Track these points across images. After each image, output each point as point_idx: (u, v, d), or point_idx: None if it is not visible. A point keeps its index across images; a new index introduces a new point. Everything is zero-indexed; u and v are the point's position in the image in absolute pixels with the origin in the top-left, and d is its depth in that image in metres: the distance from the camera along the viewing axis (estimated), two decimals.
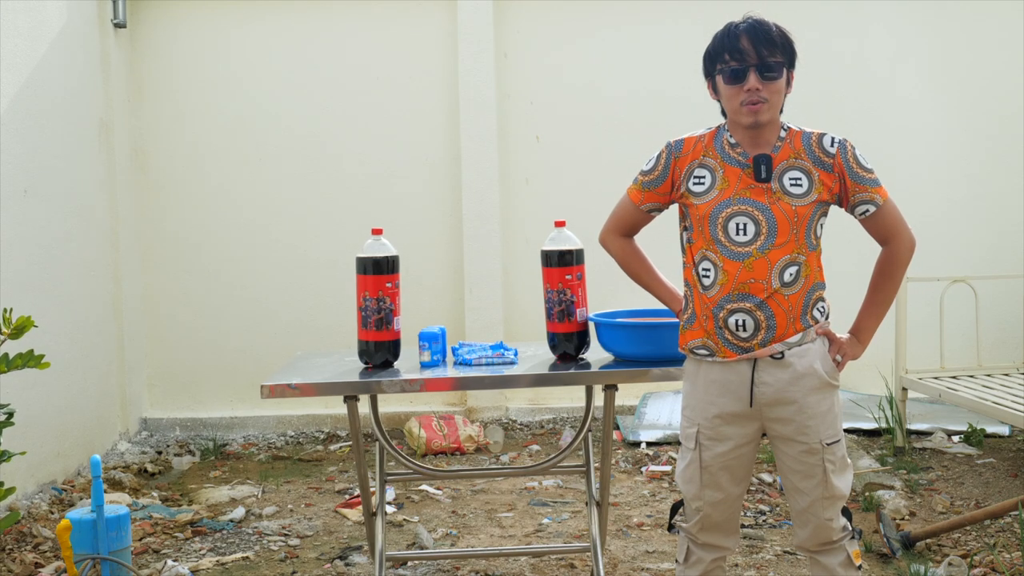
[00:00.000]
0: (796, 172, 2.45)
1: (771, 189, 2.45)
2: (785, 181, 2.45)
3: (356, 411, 3.09)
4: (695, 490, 2.58)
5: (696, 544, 2.64)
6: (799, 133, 2.50)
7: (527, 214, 6.10)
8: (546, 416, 6.14)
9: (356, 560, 3.90)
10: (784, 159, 2.47)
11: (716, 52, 2.48)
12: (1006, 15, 6.11)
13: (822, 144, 2.47)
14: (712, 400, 2.52)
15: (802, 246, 2.45)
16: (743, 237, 2.45)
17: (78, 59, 5.43)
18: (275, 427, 6.08)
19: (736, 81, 2.43)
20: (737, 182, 2.48)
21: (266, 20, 6.11)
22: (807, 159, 2.47)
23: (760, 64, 2.41)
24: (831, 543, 2.56)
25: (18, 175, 4.67)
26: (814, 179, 2.45)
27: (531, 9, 6.15)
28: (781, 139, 2.49)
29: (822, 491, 2.50)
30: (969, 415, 5.40)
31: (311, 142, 6.13)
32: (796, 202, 2.44)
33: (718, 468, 2.54)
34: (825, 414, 2.49)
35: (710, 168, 2.52)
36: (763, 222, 2.44)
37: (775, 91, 2.44)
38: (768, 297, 2.44)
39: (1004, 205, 6.13)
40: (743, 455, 2.55)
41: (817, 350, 2.50)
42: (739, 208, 2.46)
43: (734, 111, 2.47)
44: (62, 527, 3.23)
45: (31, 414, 4.49)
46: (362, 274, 3.07)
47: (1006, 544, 3.77)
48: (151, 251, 6.12)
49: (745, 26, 2.44)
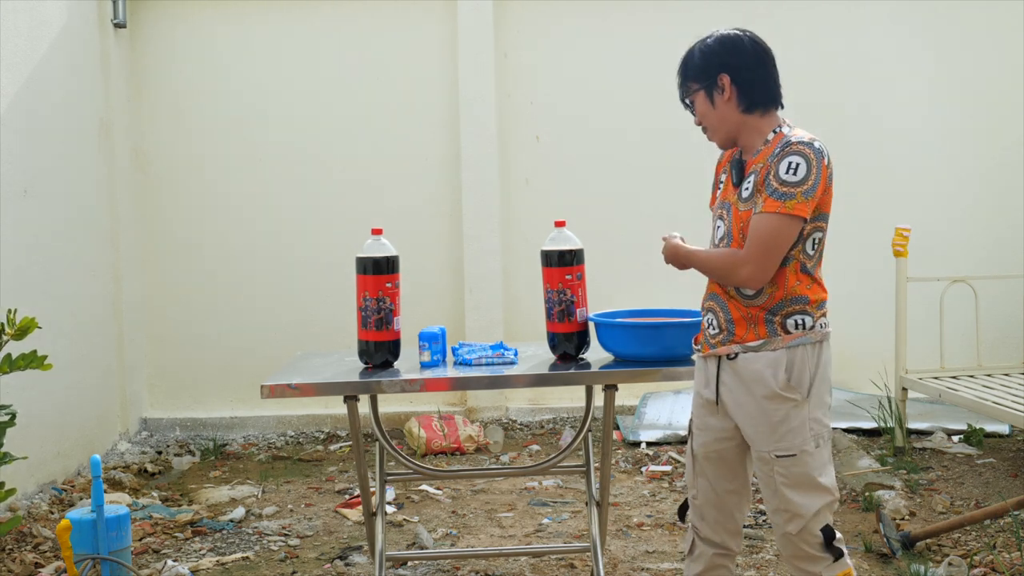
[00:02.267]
0: (753, 177, 2.45)
1: (738, 193, 2.50)
2: (743, 186, 2.48)
3: (356, 411, 3.09)
4: (689, 478, 2.65)
5: (699, 537, 2.64)
6: (780, 138, 2.44)
7: (527, 214, 6.10)
8: (546, 416, 6.14)
9: (356, 560, 3.90)
10: (754, 163, 2.47)
11: None
12: (1006, 16, 6.10)
13: (779, 145, 2.41)
14: (698, 390, 2.60)
15: None
16: (716, 239, 2.56)
17: (78, 59, 5.43)
18: (275, 427, 6.08)
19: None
20: (728, 186, 2.57)
21: (267, 20, 6.11)
22: (766, 163, 2.41)
23: (682, 99, 2.61)
24: (807, 561, 2.44)
25: (18, 175, 4.67)
26: (757, 182, 2.43)
27: (531, 9, 6.15)
28: (766, 142, 2.47)
29: (777, 503, 2.44)
30: (969, 415, 5.40)
31: (311, 142, 6.12)
32: (742, 206, 2.45)
33: (703, 458, 2.59)
34: (777, 425, 2.40)
35: (728, 172, 2.60)
36: (725, 226, 2.51)
37: (705, 116, 2.54)
38: (729, 298, 2.48)
39: (1004, 205, 6.12)
40: (726, 449, 2.55)
41: (773, 358, 2.39)
42: (719, 211, 2.57)
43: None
44: (62, 527, 3.23)
45: (31, 414, 4.49)
46: (362, 274, 3.07)
47: (1006, 544, 3.77)
48: (151, 251, 6.12)
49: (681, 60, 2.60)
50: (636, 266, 5.79)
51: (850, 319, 5.88)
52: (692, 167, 6.12)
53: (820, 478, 2.42)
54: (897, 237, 5.13)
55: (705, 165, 6.07)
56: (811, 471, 2.42)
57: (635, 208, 6.05)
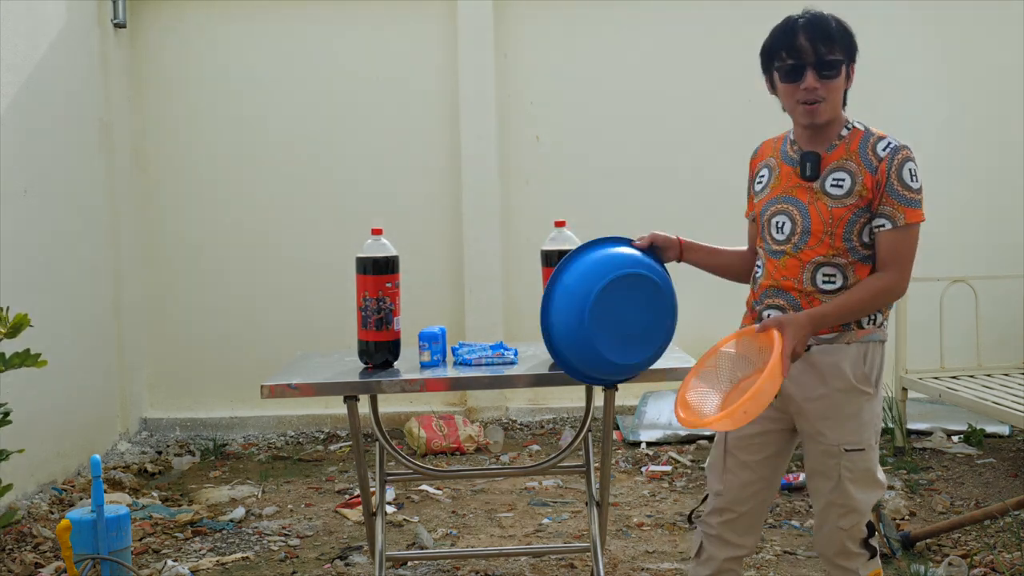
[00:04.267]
0: (842, 173, 2.37)
1: (814, 188, 2.39)
2: (828, 181, 2.38)
3: (356, 411, 3.09)
4: (717, 474, 2.54)
5: (710, 537, 2.56)
6: (861, 133, 2.41)
7: (527, 214, 6.10)
8: (546, 416, 6.14)
9: (356, 560, 3.90)
10: (836, 158, 2.39)
11: (773, 49, 2.40)
12: (1007, 15, 6.11)
13: (876, 147, 2.37)
14: None
15: (840, 250, 2.37)
16: (781, 235, 2.43)
17: (78, 59, 5.43)
18: (275, 427, 6.08)
19: (793, 80, 2.36)
20: (787, 180, 2.45)
21: (266, 20, 6.11)
22: (858, 160, 2.37)
23: (818, 62, 2.34)
24: (846, 557, 2.44)
25: (18, 175, 4.67)
26: (857, 181, 2.36)
27: (531, 9, 6.15)
28: (841, 137, 2.41)
29: (836, 497, 2.40)
30: (969, 415, 5.40)
31: (311, 142, 6.13)
32: (833, 203, 2.36)
33: (740, 451, 2.50)
34: (848, 419, 2.38)
35: (770, 167, 2.51)
36: (799, 221, 2.40)
37: (833, 89, 2.36)
38: (802, 298, 2.39)
39: (1004, 205, 6.13)
40: (769, 442, 2.49)
41: (851, 352, 2.39)
42: (782, 206, 2.44)
43: (791, 109, 2.42)
44: (62, 527, 3.23)
45: (31, 414, 4.49)
46: (362, 274, 3.07)
47: (1006, 544, 3.77)
48: (151, 251, 6.12)
49: (803, 21, 2.35)
50: None
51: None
52: (692, 167, 6.15)
53: (878, 473, 2.45)
54: None
55: (704, 166, 6.12)
56: (872, 466, 2.43)
57: (635, 208, 6.04)
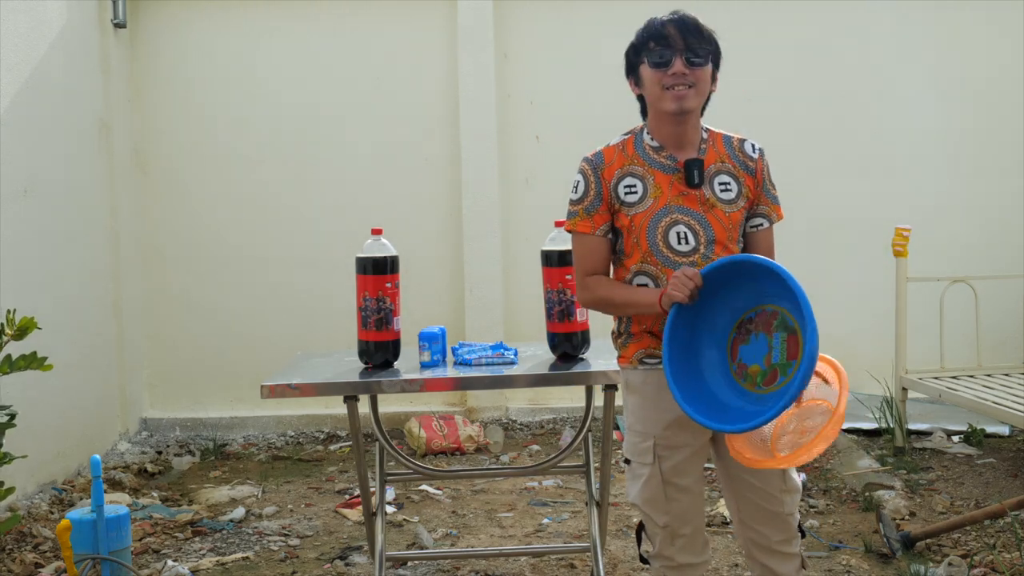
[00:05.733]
0: (725, 177, 2.39)
1: (703, 195, 2.38)
2: (716, 187, 2.39)
3: (356, 411, 3.09)
4: (660, 507, 2.44)
5: (672, 568, 2.48)
6: (719, 135, 2.45)
7: (527, 214, 6.09)
8: (546, 416, 6.14)
9: (356, 560, 3.90)
10: (711, 162, 2.40)
11: (641, 42, 2.40)
12: (1006, 16, 6.10)
13: (743, 148, 2.43)
14: (666, 407, 2.37)
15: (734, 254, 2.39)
16: (685, 247, 2.36)
17: (78, 59, 5.43)
18: (275, 427, 6.08)
19: (662, 66, 2.35)
20: (669, 188, 2.38)
21: (266, 20, 6.11)
22: (732, 163, 2.41)
23: (687, 48, 2.34)
24: (789, 543, 2.47)
25: (18, 175, 4.67)
26: (740, 183, 2.40)
27: (531, 9, 6.15)
28: (704, 140, 2.42)
29: (781, 483, 2.42)
30: (969, 415, 5.39)
31: (311, 141, 6.13)
32: (728, 208, 2.38)
33: (678, 477, 2.43)
34: None
35: (638, 176, 2.41)
36: (700, 231, 2.36)
37: (701, 78, 2.35)
38: None
39: (1004, 205, 6.13)
40: (698, 458, 2.47)
41: None
42: (676, 217, 2.37)
43: (657, 96, 2.37)
44: (62, 527, 3.23)
45: (31, 414, 4.48)
46: (362, 274, 3.07)
47: (1006, 544, 3.77)
48: (151, 251, 6.12)
49: (673, 17, 2.38)
50: None
51: (850, 319, 5.90)
52: None
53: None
54: (897, 237, 5.13)
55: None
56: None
57: None
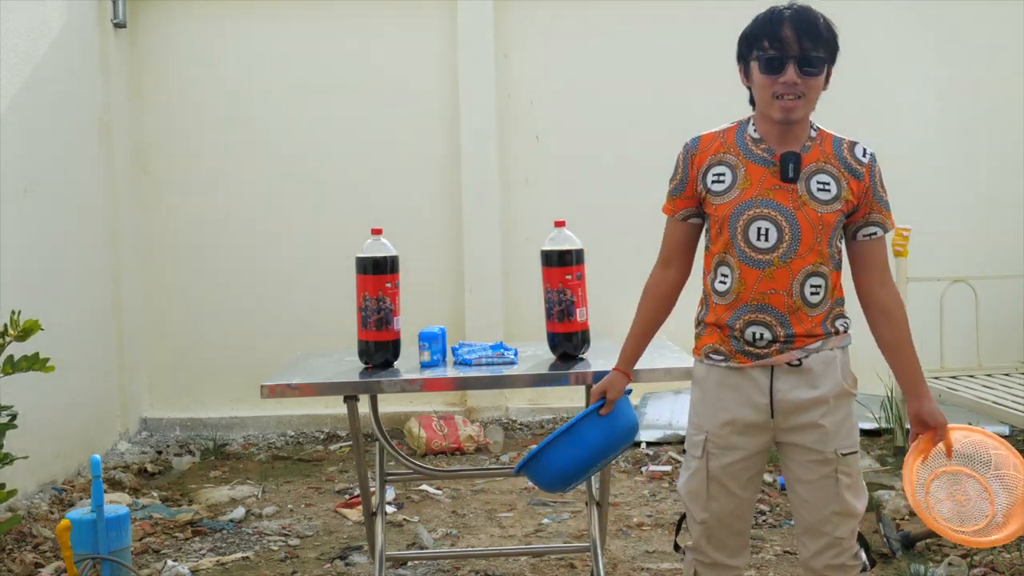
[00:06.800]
0: (825, 176, 2.29)
1: (796, 192, 2.28)
2: (812, 185, 2.28)
3: (356, 411, 3.09)
4: (701, 502, 2.39)
5: (704, 564, 2.44)
6: (830, 136, 2.35)
7: (527, 214, 6.09)
8: (546, 416, 6.14)
9: (356, 560, 3.90)
10: (813, 160, 2.30)
11: (755, 36, 2.27)
12: (1007, 16, 6.10)
13: (854, 152, 2.32)
14: (724, 406, 2.35)
15: (825, 259, 2.29)
16: (765, 243, 2.28)
17: (78, 59, 5.43)
18: (275, 427, 6.08)
19: (773, 72, 2.24)
20: (760, 181, 2.30)
21: (266, 20, 6.11)
22: (837, 164, 2.30)
23: (801, 56, 2.22)
24: (840, 570, 2.35)
25: (18, 175, 4.67)
26: (843, 186, 2.29)
27: (531, 9, 6.15)
28: (811, 139, 2.32)
29: (835, 506, 2.32)
30: (969, 415, 5.39)
31: (311, 141, 6.12)
32: (822, 208, 2.27)
33: (726, 478, 2.37)
34: (842, 423, 2.34)
35: (730, 165, 2.33)
36: (786, 228, 2.27)
37: (813, 87, 2.26)
38: (790, 312, 2.29)
39: (1004, 205, 6.12)
40: (752, 465, 2.39)
41: (838, 357, 2.35)
42: (762, 211, 2.28)
43: (766, 103, 2.28)
44: (62, 527, 3.23)
45: (31, 414, 4.47)
46: (362, 274, 3.07)
47: (1006, 544, 3.77)
48: (151, 251, 6.12)
49: (791, 13, 2.24)
50: (637, 265, 5.76)
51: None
52: None
53: (862, 479, 2.42)
54: (897, 237, 5.13)
55: None
56: (859, 470, 2.39)
57: (635, 208, 6.03)
